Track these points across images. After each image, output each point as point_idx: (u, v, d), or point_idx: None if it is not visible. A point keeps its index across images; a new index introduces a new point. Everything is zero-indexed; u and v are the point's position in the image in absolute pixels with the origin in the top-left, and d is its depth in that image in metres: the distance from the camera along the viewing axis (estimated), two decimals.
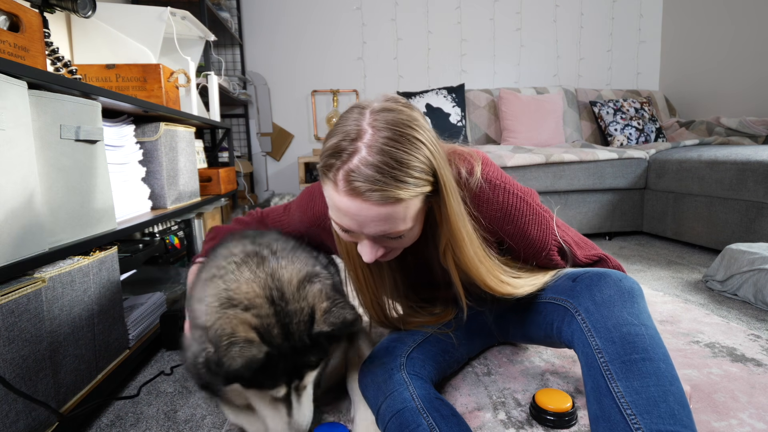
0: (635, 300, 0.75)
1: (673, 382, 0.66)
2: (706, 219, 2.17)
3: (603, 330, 0.72)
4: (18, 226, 0.77)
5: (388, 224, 0.68)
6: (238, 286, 0.71)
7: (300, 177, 3.00)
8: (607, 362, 0.69)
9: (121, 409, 1.00)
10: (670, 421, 0.62)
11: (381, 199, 0.64)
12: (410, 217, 0.69)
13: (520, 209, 0.83)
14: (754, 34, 2.86)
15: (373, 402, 0.84)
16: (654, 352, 0.68)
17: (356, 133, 0.65)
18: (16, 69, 0.78)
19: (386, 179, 0.63)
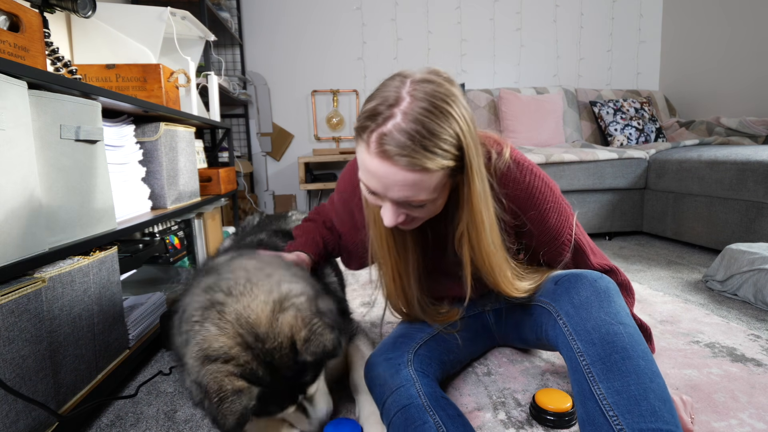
0: (611, 299, 0.76)
1: (653, 378, 0.66)
2: (706, 219, 2.17)
3: (583, 332, 0.73)
4: (18, 226, 0.77)
5: (412, 191, 0.69)
6: (209, 344, 0.69)
7: (300, 177, 3.00)
8: (589, 364, 0.70)
9: (121, 409, 1.00)
10: (651, 418, 0.62)
11: (408, 165, 0.66)
12: (432, 188, 0.70)
13: (544, 192, 0.85)
14: (753, 34, 2.86)
15: (378, 396, 0.84)
16: (633, 350, 0.69)
17: (394, 99, 0.67)
18: (16, 69, 0.78)
19: (416, 147, 0.65)
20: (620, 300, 0.77)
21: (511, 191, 0.83)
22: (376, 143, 0.66)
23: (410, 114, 0.65)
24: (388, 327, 1.41)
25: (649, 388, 0.65)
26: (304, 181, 3.01)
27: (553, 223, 0.87)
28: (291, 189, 3.55)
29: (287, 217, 1.50)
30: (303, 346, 0.71)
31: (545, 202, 0.85)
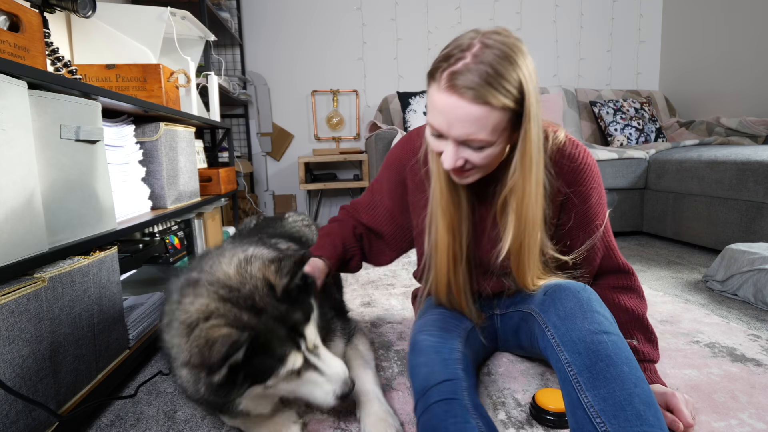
0: (594, 310, 0.79)
1: (637, 383, 0.68)
2: (706, 219, 2.17)
3: (569, 343, 0.76)
4: (18, 226, 0.77)
5: (473, 127, 0.74)
6: (188, 310, 0.72)
7: (300, 177, 3.00)
8: (576, 374, 0.72)
9: (121, 409, 1.00)
10: (637, 422, 0.64)
11: (473, 98, 0.71)
12: (492, 128, 0.74)
13: (593, 171, 0.92)
14: (753, 34, 2.86)
15: (421, 381, 0.83)
16: (617, 357, 0.71)
17: (467, 45, 0.74)
18: (16, 69, 0.78)
19: (482, 83, 0.71)
20: (603, 309, 0.80)
21: (565, 165, 0.89)
22: (446, 80, 0.73)
23: (479, 56, 0.72)
24: (387, 327, 1.42)
25: (634, 393, 0.67)
26: (304, 181, 3.01)
27: (594, 202, 0.93)
28: (291, 189, 3.55)
29: (284, 220, 1.50)
30: (276, 276, 0.74)
31: (592, 180, 0.92)
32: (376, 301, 1.65)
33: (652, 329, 0.99)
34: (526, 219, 0.83)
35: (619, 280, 1.01)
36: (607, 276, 1.02)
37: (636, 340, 0.96)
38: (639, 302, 0.99)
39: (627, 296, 1.00)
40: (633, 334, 0.97)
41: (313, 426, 0.91)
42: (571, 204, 0.93)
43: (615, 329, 0.76)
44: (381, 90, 3.48)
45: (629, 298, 0.99)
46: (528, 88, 0.74)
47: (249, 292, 0.73)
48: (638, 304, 0.99)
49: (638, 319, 0.98)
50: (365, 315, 1.52)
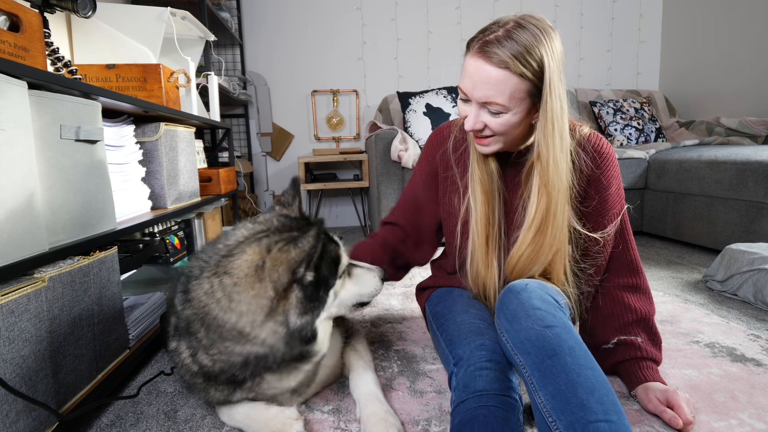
0: (535, 306, 0.80)
1: (580, 372, 0.69)
2: (706, 219, 2.17)
3: (519, 344, 0.77)
4: (18, 226, 0.77)
5: (492, 90, 0.82)
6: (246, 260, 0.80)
7: (300, 177, 3.00)
8: (530, 375, 0.73)
9: (121, 409, 1.00)
10: (580, 411, 0.65)
11: (495, 62, 0.80)
12: (510, 94, 0.82)
13: (615, 162, 0.98)
14: (753, 34, 2.86)
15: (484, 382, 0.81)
16: (560, 348, 0.72)
17: (504, 22, 0.84)
18: (16, 69, 0.78)
19: (506, 51, 0.80)
20: (545, 305, 0.81)
21: (589, 154, 0.95)
22: (477, 47, 0.83)
23: (511, 31, 0.81)
24: (387, 327, 1.42)
25: (576, 383, 0.68)
26: (304, 181, 3.01)
27: (613, 191, 0.97)
28: None
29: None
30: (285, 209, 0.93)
31: (614, 169, 0.97)
32: (376, 301, 1.65)
33: (658, 332, 0.99)
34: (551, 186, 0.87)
35: (627, 278, 1.01)
36: (618, 272, 1.02)
37: (640, 338, 0.96)
38: (646, 304, 1.00)
39: (635, 296, 1.00)
40: (637, 333, 0.97)
41: (313, 426, 0.91)
42: (593, 191, 0.97)
43: (558, 321, 0.77)
44: (381, 90, 3.48)
45: (637, 298, 1.00)
46: (549, 65, 0.82)
47: (281, 224, 0.84)
48: (645, 305, 0.99)
49: (643, 320, 0.98)
50: (365, 315, 1.53)
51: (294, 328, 0.78)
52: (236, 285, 0.77)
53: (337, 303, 0.88)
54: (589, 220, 0.97)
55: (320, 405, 0.98)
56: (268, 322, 0.77)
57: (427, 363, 1.16)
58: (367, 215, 3.36)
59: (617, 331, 0.99)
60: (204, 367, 0.83)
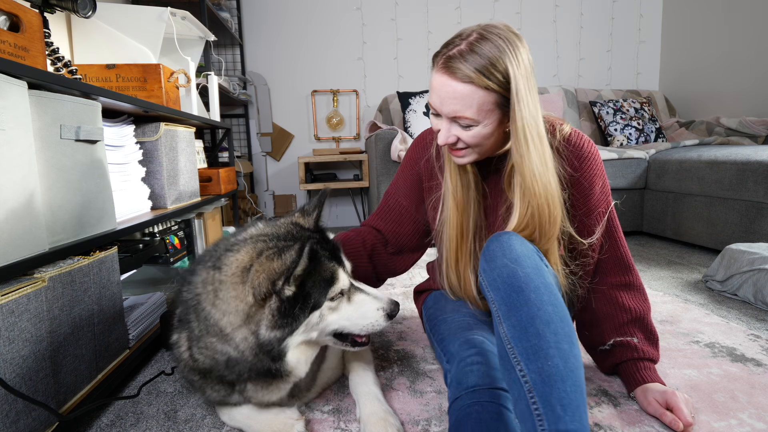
0: (513, 247, 0.81)
1: (540, 306, 0.72)
2: (706, 219, 2.17)
3: (492, 281, 0.79)
4: (18, 226, 0.77)
5: (460, 104, 0.82)
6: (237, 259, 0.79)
7: (300, 177, 3.00)
8: (498, 308, 0.77)
9: (121, 409, 1.00)
10: (535, 339, 0.70)
11: (460, 78, 0.81)
12: (478, 107, 0.82)
13: (597, 161, 0.98)
14: (753, 34, 2.86)
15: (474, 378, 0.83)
16: (526, 286, 0.75)
17: (466, 35, 0.83)
18: (16, 69, 0.78)
19: (468, 65, 0.80)
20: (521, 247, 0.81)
21: (570, 154, 0.95)
22: (441, 62, 0.83)
23: (473, 44, 0.81)
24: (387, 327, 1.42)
25: (536, 315, 0.71)
26: (304, 181, 3.01)
27: (597, 191, 0.97)
28: (291, 189, 3.55)
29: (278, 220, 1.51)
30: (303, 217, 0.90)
31: (596, 168, 0.97)
32: None
33: (654, 329, 0.99)
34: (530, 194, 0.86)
35: (620, 277, 1.01)
36: (609, 271, 1.01)
37: (636, 339, 0.96)
38: (641, 302, 1.00)
39: (629, 295, 1.00)
40: (633, 333, 0.97)
41: (313, 426, 0.91)
42: (576, 191, 0.97)
43: (530, 263, 0.78)
44: (381, 90, 3.48)
45: (631, 297, 1.00)
46: (515, 75, 0.81)
47: (286, 232, 0.81)
48: (640, 303, 0.99)
49: (639, 319, 0.98)
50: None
51: (262, 340, 0.75)
52: (222, 282, 0.77)
53: (321, 327, 0.82)
54: (575, 220, 0.98)
55: (320, 405, 0.98)
56: (243, 327, 0.75)
57: (427, 363, 1.16)
58: (367, 215, 3.36)
59: (613, 333, 0.99)
60: (197, 361, 0.83)
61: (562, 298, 0.77)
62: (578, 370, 0.68)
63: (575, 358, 0.69)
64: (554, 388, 0.65)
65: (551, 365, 0.67)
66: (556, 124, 0.97)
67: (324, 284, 0.80)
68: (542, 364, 0.67)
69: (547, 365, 0.67)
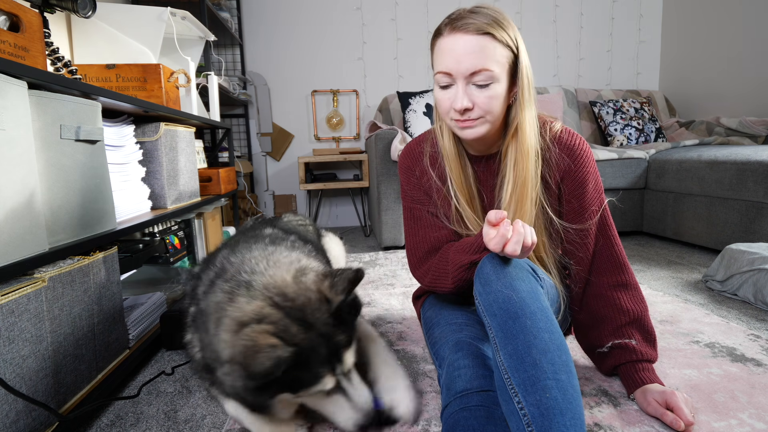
0: (507, 271, 0.80)
1: (537, 335, 0.72)
2: (706, 219, 2.17)
3: (488, 306, 0.78)
4: (18, 226, 0.77)
5: (480, 56, 0.82)
6: (242, 309, 0.71)
7: (300, 177, 3.00)
8: (495, 335, 0.76)
9: (121, 409, 1.00)
10: (532, 369, 0.69)
11: (477, 30, 0.82)
12: (496, 60, 0.83)
13: (589, 158, 0.97)
14: (753, 34, 2.86)
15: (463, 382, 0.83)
16: (522, 312, 0.74)
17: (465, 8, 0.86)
18: (16, 69, 0.78)
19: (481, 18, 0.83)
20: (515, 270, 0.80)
21: (561, 149, 0.95)
22: (448, 26, 0.85)
23: (473, 9, 0.85)
24: (387, 327, 1.42)
25: (532, 344, 0.71)
26: (304, 181, 3.01)
27: (590, 189, 0.96)
28: (291, 189, 3.55)
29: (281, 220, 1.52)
30: (331, 291, 0.74)
31: (588, 166, 0.96)
32: (376, 301, 1.65)
33: (652, 328, 0.98)
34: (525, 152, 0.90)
35: (615, 276, 0.99)
36: (604, 271, 1.00)
37: (634, 341, 0.96)
38: (637, 301, 0.99)
39: (626, 295, 0.99)
40: (631, 335, 0.96)
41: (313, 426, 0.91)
42: (568, 189, 0.96)
43: (526, 286, 0.77)
44: (381, 90, 3.48)
45: (628, 297, 0.99)
46: (515, 34, 0.85)
47: (302, 305, 0.72)
48: (637, 303, 0.98)
49: (637, 320, 0.97)
50: (365, 315, 1.52)
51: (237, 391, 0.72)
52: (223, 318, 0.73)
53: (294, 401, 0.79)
54: (568, 219, 0.98)
55: None
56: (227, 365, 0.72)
57: (427, 363, 1.16)
58: (367, 215, 3.36)
59: (611, 335, 0.98)
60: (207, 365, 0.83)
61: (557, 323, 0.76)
62: (577, 401, 0.67)
63: (573, 388, 0.68)
64: (553, 422, 0.64)
65: (549, 398, 0.66)
66: (548, 121, 0.97)
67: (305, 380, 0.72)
68: (540, 397, 0.66)
69: (545, 398, 0.66)
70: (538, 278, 0.83)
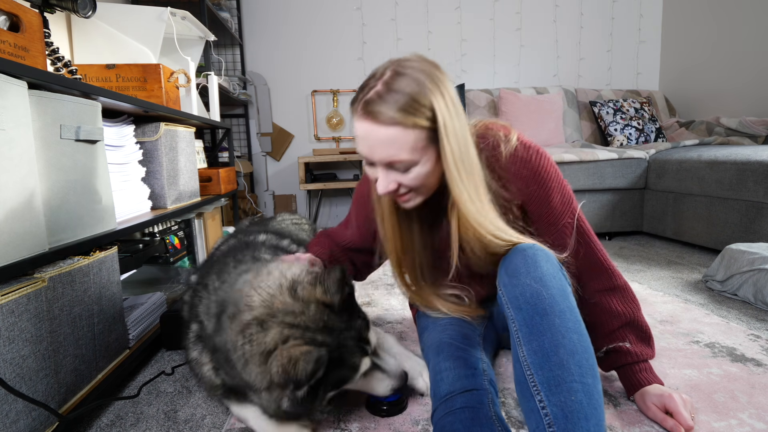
0: (538, 265, 0.78)
1: (565, 334, 0.70)
2: (706, 219, 2.17)
3: (513, 299, 0.77)
4: (18, 226, 0.77)
5: (392, 149, 0.77)
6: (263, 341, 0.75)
7: (300, 177, 3.00)
8: (518, 329, 0.74)
9: (121, 409, 1.00)
10: (558, 369, 0.67)
11: (385, 121, 0.75)
12: (411, 147, 0.77)
13: (549, 172, 0.89)
14: (753, 34, 2.86)
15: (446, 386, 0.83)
16: (551, 310, 0.72)
17: (380, 74, 0.78)
18: (16, 69, 0.78)
19: (390, 105, 0.74)
20: (547, 265, 0.78)
21: (517, 170, 0.89)
22: (361, 109, 0.77)
23: (389, 82, 0.76)
24: (387, 327, 1.42)
25: (560, 344, 0.69)
26: (304, 181, 3.01)
27: (557, 203, 0.91)
28: (291, 189, 3.55)
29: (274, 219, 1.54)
30: (326, 296, 0.79)
31: (550, 180, 0.89)
32: (376, 301, 1.65)
33: (646, 326, 0.96)
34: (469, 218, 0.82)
35: (602, 281, 0.96)
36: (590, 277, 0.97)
37: (628, 343, 0.93)
38: (629, 302, 0.96)
39: (615, 298, 0.95)
40: (625, 337, 0.94)
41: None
42: (533, 207, 0.91)
43: (555, 283, 0.76)
44: None
45: (618, 300, 0.95)
46: (440, 107, 0.76)
47: (312, 316, 0.77)
48: (628, 304, 0.95)
49: (630, 322, 0.94)
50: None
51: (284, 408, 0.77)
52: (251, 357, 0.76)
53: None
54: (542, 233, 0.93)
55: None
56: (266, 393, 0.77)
57: None
58: None
59: (605, 340, 0.96)
60: (225, 383, 0.88)
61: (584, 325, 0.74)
62: (601, 406, 0.66)
63: (599, 394, 0.67)
64: (577, 427, 0.63)
65: (575, 401, 0.64)
66: (502, 135, 0.90)
67: (346, 374, 0.79)
68: (565, 398, 0.65)
69: (571, 400, 0.65)
70: (565, 276, 0.82)
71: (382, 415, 0.93)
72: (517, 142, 0.89)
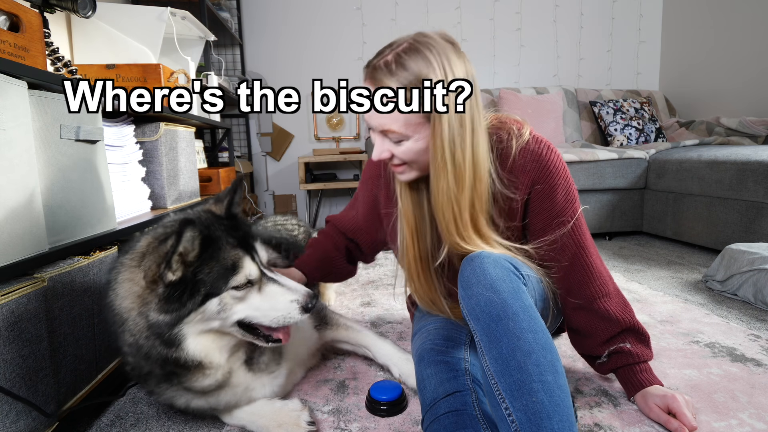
0: (486, 272, 0.78)
1: (520, 336, 0.70)
2: (706, 219, 2.17)
3: (471, 311, 0.77)
4: (18, 226, 0.77)
5: (386, 118, 0.79)
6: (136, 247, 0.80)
7: (300, 177, 3.00)
8: (479, 339, 0.74)
9: (121, 409, 1.00)
10: (518, 373, 0.68)
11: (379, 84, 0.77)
12: (404, 121, 0.78)
13: (557, 167, 0.90)
14: (753, 34, 2.86)
15: (429, 393, 0.83)
16: (504, 313, 0.73)
17: (398, 43, 0.80)
18: (16, 69, 0.78)
19: (393, 78, 0.77)
20: (496, 270, 0.78)
21: (526, 162, 0.89)
22: (369, 72, 0.80)
23: (401, 55, 0.77)
24: (387, 327, 1.42)
25: (516, 346, 0.70)
26: (304, 181, 3.01)
27: (560, 199, 0.90)
28: (291, 189, 3.55)
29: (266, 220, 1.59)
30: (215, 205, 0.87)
31: (557, 176, 0.90)
32: (376, 301, 1.65)
33: (642, 328, 0.95)
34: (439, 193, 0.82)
35: (596, 287, 0.94)
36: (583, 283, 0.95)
37: (628, 344, 0.93)
38: (622, 307, 0.95)
39: (612, 305, 0.94)
40: (624, 341, 0.94)
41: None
42: (537, 201, 0.91)
43: (507, 286, 0.76)
44: None
45: (613, 305, 0.94)
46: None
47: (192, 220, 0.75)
48: (623, 310, 0.94)
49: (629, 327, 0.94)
50: (365, 315, 1.52)
51: (151, 322, 0.73)
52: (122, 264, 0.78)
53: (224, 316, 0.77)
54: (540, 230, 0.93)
55: (320, 405, 0.98)
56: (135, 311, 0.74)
57: None
58: None
59: (605, 346, 0.95)
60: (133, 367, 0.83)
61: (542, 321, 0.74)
62: (565, 402, 0.67)
63: (560, 389, 0.67)
64: (541, 427, 0.64)
65: (536, 401, 0.65)
66: (515, 129, 0.91)
67: (224, 272, 0.74)
68: (527, 401, 0.65)
69: (532, 402, 0.65)
70: (520, 276, 0.81)
71: (382, 415, 0.93)
72: (530, 137, 0.90)
